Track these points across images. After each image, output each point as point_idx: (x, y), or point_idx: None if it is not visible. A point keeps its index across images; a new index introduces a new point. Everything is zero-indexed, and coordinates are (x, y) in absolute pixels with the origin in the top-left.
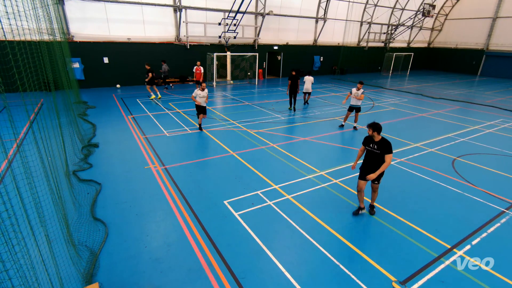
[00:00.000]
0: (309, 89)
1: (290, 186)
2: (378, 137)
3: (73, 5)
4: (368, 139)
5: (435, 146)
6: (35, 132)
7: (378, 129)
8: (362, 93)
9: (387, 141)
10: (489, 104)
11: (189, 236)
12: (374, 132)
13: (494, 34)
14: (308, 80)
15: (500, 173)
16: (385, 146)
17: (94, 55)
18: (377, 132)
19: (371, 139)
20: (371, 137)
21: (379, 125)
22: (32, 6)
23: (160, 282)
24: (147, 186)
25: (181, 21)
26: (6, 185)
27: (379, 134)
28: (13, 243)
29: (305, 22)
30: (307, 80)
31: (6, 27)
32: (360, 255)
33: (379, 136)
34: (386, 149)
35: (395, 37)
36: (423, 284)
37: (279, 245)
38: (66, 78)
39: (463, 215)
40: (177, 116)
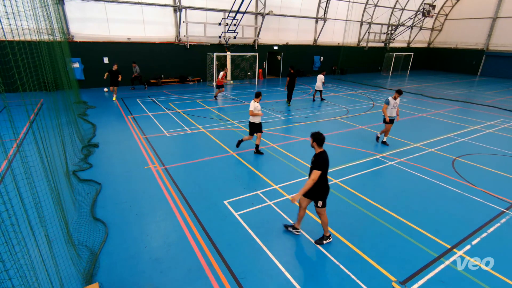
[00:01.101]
0: (319, 87)
1: (290, 186)
2: (317, 149)
3: (73, 5)
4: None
5: (435, 146)
6: (35, 132)
7: (317, 139)
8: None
9: (321, 156)
10: (489, 104)
11: (189, 236)
12: (313, 143)
13: (494, 34)
14: (318, 79)
15: (500, 173)
16: (316, 160)
17: (94, 55)
18: (317, 143)
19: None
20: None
21: (321, 136)
22: (32, 6)
23: (160, 282)
24: (147, 186)
25: (181, 21)
26: (6, 185)
27: (319, 146)
28: (13, 243)
29: (305, 22)
30: (318, 79)
31: (6, 27)
32: (360, 255)
33: (319, 148)
34: (315, 164)
35: (395, 37)
36: (423, 284)
37: (279, 245)
38: (66, 78)
39: (463, 215)
40: (177, 116)
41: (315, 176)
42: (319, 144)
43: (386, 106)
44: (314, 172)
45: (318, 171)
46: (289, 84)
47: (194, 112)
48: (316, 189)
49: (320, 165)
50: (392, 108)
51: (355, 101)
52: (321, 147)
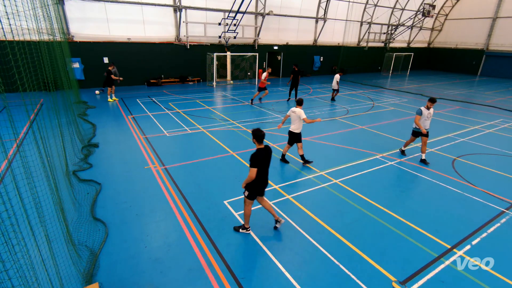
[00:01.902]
0: (333, 86)
1: (290, 186)
2: (257, 145)
3: (73, 5)
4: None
5: (435, 146)
6: (35, 132)
7: (257, 136)
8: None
9: (260, 153)
10: (489, 104)
11: (189, 236)
12: (253, 139)
13: (494, 34)
14: (334, 78)
15: (500, 173)
16: (252, 157)
17: (94, 55)
18: (256, 140)
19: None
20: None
21: (261, 132)
22: (32, 6)
23: (160, 282)
24: (147, 186)
25: (181, 21)
26: (6, 185)
27: (259, 143)
28: (13, 243)
29: (305, 22)
30: (334, 78)
31: (6, 27)
32: (360, 255)
33: (258, 144)
34: (251, 161)
35: (395, 37)
36: (423, 284)
37: (279, 245)
38: (66, 78)
39: (463, 215)
40: (177, 116)
41: (251, 174)
42: (259, 141)
43: (418, 117)
44: (250, 170)
45: (253, 169)
46: (293, 81)
47: (194, 112)
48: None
49: (255, 162)
50: (426, 120)
51: (355, 101)
52: (261, 143)
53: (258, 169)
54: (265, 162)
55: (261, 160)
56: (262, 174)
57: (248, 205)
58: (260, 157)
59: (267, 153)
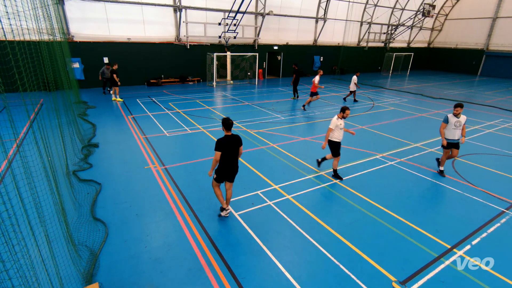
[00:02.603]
0: (351, 88)
1: (290, 186)
2: (225, 132)
3: (73, 5)
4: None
5: (435, 146)
6: (35, 132)
7: (225, 124)
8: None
9: (224, 139)
10: (489, 104)
11: (189, 236)
12: (222, 127)
13: (494, 34)
14: (352, 80)
15: (500, 173)
16: (217, 142)
17: (94, 55)
18: (224, 127)
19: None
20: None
21: (229, 121)
22: (32, 6)
23: (160, 282)
24: (147, 186)
25: (181, 21)
26: (6, 185)
27: (226, 130)
28: (13, 243)
29: (305, 22)
30: (351, 80)
31: (6, 27)
32: (360, 255)
33: (226, 131)
34: (216, 145)
35: (395, 37)
36: (423, 284)
37: (279, 245)
38: (66, 78)
39: (463, 215)
40: (177, 116)
41: (215, 157)
42: (226, 128)
43: (444, 125)
44: (215, 153)
45: (217, 152)
46: (295, 80)
47: (194, 112)
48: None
49: (218, 146)
50: (454, 129)
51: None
52: (228, 131)
53: (222, 153)
54: (230, 148)
55: (223, 145)
56: (226, 159)
57: (215, 187)
58: (223, 142)
59: (233, 140)
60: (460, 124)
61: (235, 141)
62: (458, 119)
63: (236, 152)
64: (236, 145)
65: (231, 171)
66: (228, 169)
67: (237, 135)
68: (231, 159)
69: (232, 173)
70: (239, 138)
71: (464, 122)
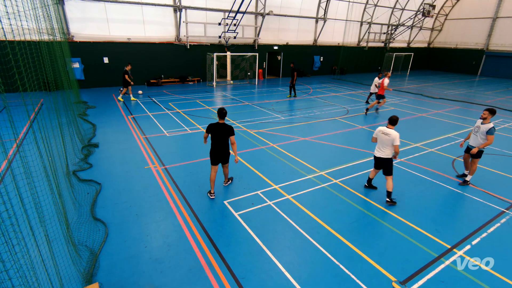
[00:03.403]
0: (372, 89)
1: (290, 186)
2: (218, 120)
3: (73, 5)
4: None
5: (435, 146)
6: (35, 132)
7: (218, 112)
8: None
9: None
10: (489, 104)
11: (189, 236)
12: (217, 115)
13: (494, 34)
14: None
15: (500, 173)
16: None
17: (94, 55)
18: (218, 116)
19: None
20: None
21: (223, 110)
22: (32, 6)
23: (160, 282)
24: (147, 186)
25: (181, 21)
26: (6, 185)
27: (220, 118)
28: (13, 243)
29: (305, 22)
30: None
31: (7, 27)
32: (360, 255)
33: (219, 119)
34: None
35: (395, 37)
36: (423, 284)
37: (279, 245)
38: (66, 78)
39: (463, 215)
40: (177, 116)
41: (204, 135)
42: (219, 116)
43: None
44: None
45: (205, 132)
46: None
47: (194, 112)
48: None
49: (207, 128)
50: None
51: (355, 101)
52: (221, 119)
53: (212, 136)
54: (217, 133)
55: (212, 128)
56: (214, 143)
57: (211, 170)
58: (212, 126)
59: (222, 127)
60: (479, 130)
61: (223, 129)
62: (479, 124)
63: (224, 138)
64: (224, 132)
65: (218, 154)
66: (216, 152)
67: (228, 125)
68: (219, 143)
69: (220, 156)
70: (229, 127)
71: (485, 131)
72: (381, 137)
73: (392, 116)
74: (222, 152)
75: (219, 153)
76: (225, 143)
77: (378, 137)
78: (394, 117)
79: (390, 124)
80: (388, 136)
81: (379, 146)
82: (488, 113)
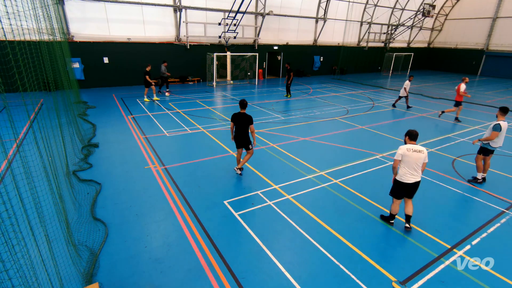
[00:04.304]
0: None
1: (290, 186)
2: (240, 110)
3: (73, 5)
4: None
5: (435, 146)
6: (35, 132)
7: (239, 103)
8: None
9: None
10: (489, 104)
11: (189, 236)
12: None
13: (494, 34)
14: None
15: (500, 173)
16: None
17: (94, 55)
18: (240, 106)
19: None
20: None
21: (243, 101)
22: (32, 6)
23: (160, 282)
24: (147, 186)
25: (181, 21)
26: (6, 185)
27: (241, 108)
28: (13, 243)
29: (305, 22)
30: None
31: (7, 27)
32: (360, 255)
33: (241, 109)
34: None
35: (395, 37)
36: (423, 284)
37: (279, 245)
38: (66, 78)
39: (463, 215)
40: (177, 116)
41: (230, 125)
42: (241, 107)
43: (497, 134)
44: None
45: (231, 122)
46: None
47: (194, 112)
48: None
49: (232, 117)
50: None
51: (355, 101)
52: (243, 109)
53: (234, 124)
54: (238, 121)
55: (234, 117)
56: (236, 130)
57: (237, 152)
58: (235, 115)
59: (243, 116)
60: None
61: (244, 118)
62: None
63: (244, 127)
64: (245, 121)
65: (240, 140)
66: (238, 138)
67: (248, 115)
68: (240, 131)
69: (242, 141)
70: (248, 117)
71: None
72: (413, 157)
73: (412, 131)
74: (243, 138)
75: (241, 139)
76: (245, 130)
77: (407, 157)
78: (415, 132)
79: (411, 139)
80: (422, 153)
81: (408, 169)
82: (499, 112)
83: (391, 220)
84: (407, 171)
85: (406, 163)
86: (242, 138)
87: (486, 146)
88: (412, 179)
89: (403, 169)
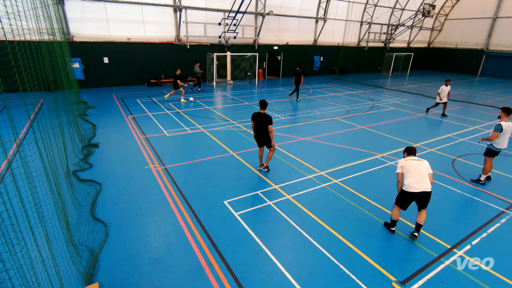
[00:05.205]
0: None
1: (290, 186)
2: (260, 110)
3: (73, 5)
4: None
5: (435, 146)
6: (35, 132)
7: (261, 104)
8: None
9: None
10: (489, 104)
11: (189, 236)
12: (259, 106)
13: (494, 34)
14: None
15: (500, 173)
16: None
17: (94, 55)
18: (260, 106)
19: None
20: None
21: (264, 101)
22: (32, 6)
23: (160, 282)
24: (147, 186)
25: (181, 21)
26: (6, 185)
27: (261, 108)
28: (13, 243)
29: (305, 22)
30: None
31: (6, 27)
32: (360, 255)
33: (261, 109)
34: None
35: (395, 37)
36: (423, 284)
37: (279, 245)
38: (66, 78)
39: (463, 215)
40: (177, 116)
41: (251, 124)
42: (261, 107)
43: (497, 134)
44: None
45: (251, 121)
46: (296, 81)
47: (194, 112)
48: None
49: (252, 116)
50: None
51: (355, 101)
52: (263, 109)
53: (254, 123)
54: (258, 120)
55: (254, 116)
56: (256, 128)
57: (259, 150)
58: (255, 114)
59: (262, 116)
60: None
61: (263, 118)
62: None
63: (263, 126)
64: (262, 121)
65: (260, 138)
66: (258, 136)
67: (267, 115)
68: (260, 130)
69: (261, 140)
70: (267, 117)
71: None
72: (415, 165)
73: (410, 147)
74: (263, 137)
75: (261, 137)
76: (264, 129)
77: (408, 166)
78: (412, 147)
79: (409, 154)
80: (422, 161)
81: (416, 178)
82: (502, 112)
83: (391, 228)
84: (414, 180)
85: (409, 172)
86: (262, 137)
87: (490, 147)
88: (421, 187)
89: (408, 179)
